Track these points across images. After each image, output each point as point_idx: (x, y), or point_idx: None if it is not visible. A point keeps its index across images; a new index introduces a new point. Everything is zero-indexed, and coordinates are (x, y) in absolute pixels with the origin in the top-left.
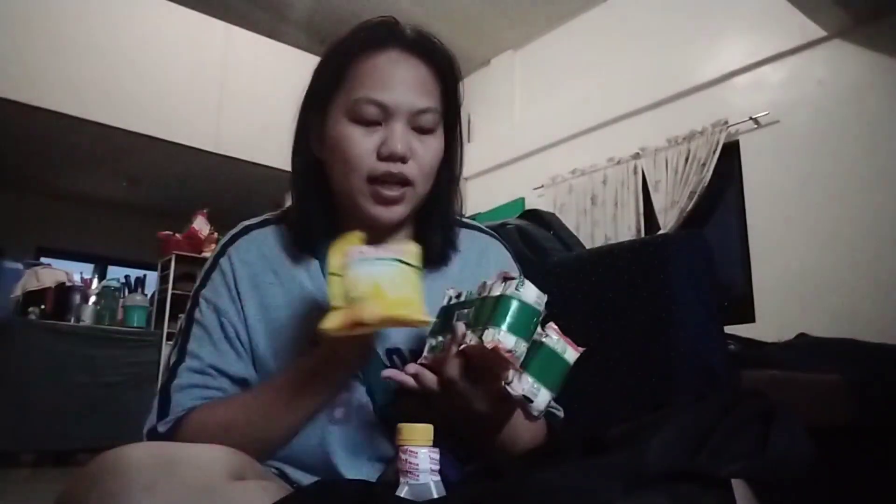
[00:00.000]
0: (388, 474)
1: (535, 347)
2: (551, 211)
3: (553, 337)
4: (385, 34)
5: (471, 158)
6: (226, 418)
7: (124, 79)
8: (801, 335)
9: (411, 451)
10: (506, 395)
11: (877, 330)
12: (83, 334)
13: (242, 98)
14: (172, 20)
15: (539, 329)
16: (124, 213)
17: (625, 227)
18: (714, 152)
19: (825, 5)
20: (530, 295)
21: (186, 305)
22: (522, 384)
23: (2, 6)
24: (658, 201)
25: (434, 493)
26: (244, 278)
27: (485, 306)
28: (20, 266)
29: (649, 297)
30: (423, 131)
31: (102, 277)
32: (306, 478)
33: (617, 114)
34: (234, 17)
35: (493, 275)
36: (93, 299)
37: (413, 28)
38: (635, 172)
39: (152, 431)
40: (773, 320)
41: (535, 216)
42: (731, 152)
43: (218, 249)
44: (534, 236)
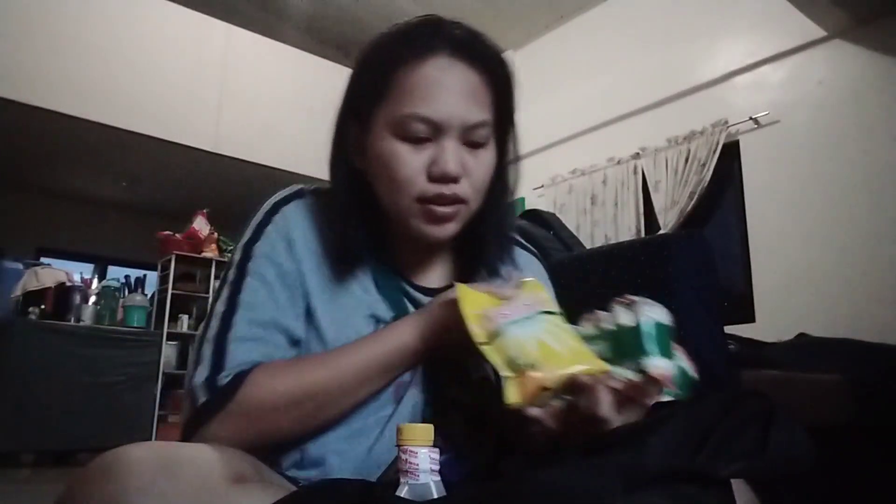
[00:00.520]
0: (388, 475)
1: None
2: (551, 211)
3: (679, 355)
4: (431, 37)
5: None
6: (298, 385)
7: (124, 79)
8: (801, 335)
9: (411, 452)
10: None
11: (877, 330)
12: (83, 334)
13: (242, 98)
14: (172, 20)
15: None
16: (124, 213)
17: (625, 228)
18: (714, 152)
19: (825, 5)
20: (661, 313)
21: (234, 260)
22: None
23: (2, 6)
24: (658, 201)
25: (434, 493)
26: (300, 238)
27: (623, 338)
28: (20, 266)
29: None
30: (476, 145)
31: (102, 277)
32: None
33: (617, 114)
34: (234, 17)
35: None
36: (93, 299)
37: (460, 27)
38: (635, 172)
39: (210, 383)
40: (773, 320)
41: (535, 216)
42: (731, 152)
43: (268, 207)
44: (534, 236)
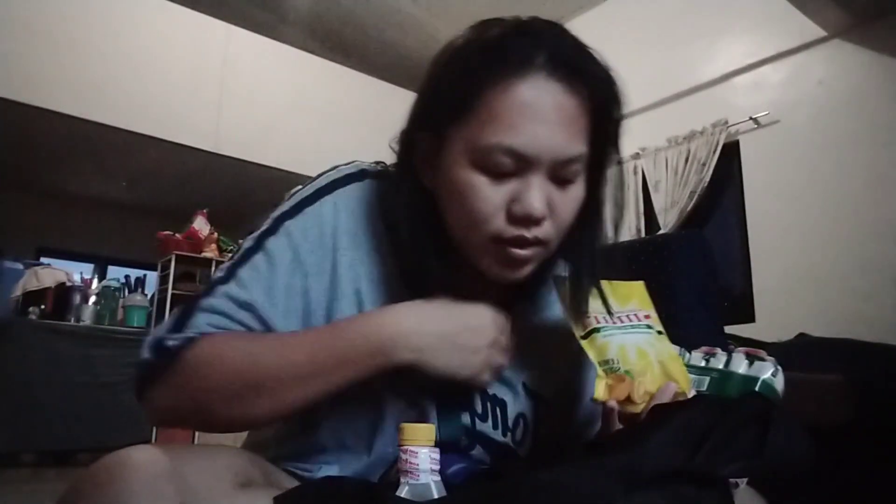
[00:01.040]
0: (390, 475)
1: None
2: None
3: None
4: (528, 51)
5: None
6: (244, 358)
7: (124, 79)
8: (801, 335)
9: (412, 451)
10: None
11: (877, 330)
12: (83, 334)
13: (242, 98)
14: (172, 20)
15: None
16: (124, 213)
17: (625, 227)
18: (714, 152)
19: (825, 5)
20: (781, 384)
21: (261, 226)
22: None
23: (2, 6)
24: (658, 201)
25: (434, 493)
26: (345, 228)
27: (729, 382)
28: (20, 266)
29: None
30: (565, 181)
31: (102, 277)
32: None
33: None
34: (234, 17)
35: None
36: (93, 299)
37: (563, 37)
38: (635, 172)
39: (158, 343)
40: (773, 320)
41: None
42: (731, 152)
43: (323, 183)
44: None
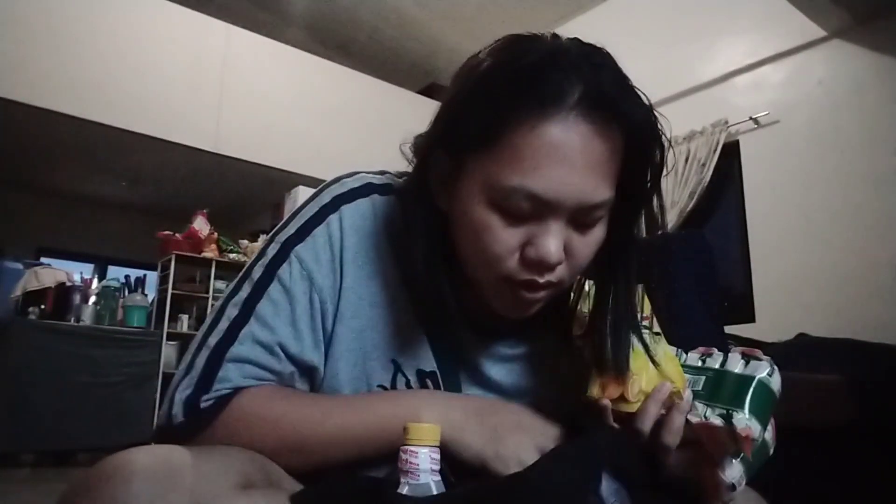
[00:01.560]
0: (395, 475)
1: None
2: None
3: (770, 430)
4: (563, 85)
5: None
6: (283, 419)
7: (124, 79)
8: (801, 335)
9: (412, 451)
10: (712, 477)
11: (877, 330)
12: (83, 334)
13: (242, 98)
14: (172, 20)
15: None
16: (124, 213)
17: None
18: (714, 152)
19: (825, 5)
20: (777, 383)
21: (267, 253)
22: (733, 471)
23: (2, 6)
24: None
25: (434, 492)
26: (351, 248)
27: (724, 381)
28: (20, 266)
29: (649, 297)
30: (586, 226)
31: (102, 277)
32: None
33: None
34: (234, 17)
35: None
36: (93, 299)
37: (604, 70)
38: None
39: (191, 402)
40: (773, 320)
41: None
42: (731, 152)
43: (327, 200)
44: None
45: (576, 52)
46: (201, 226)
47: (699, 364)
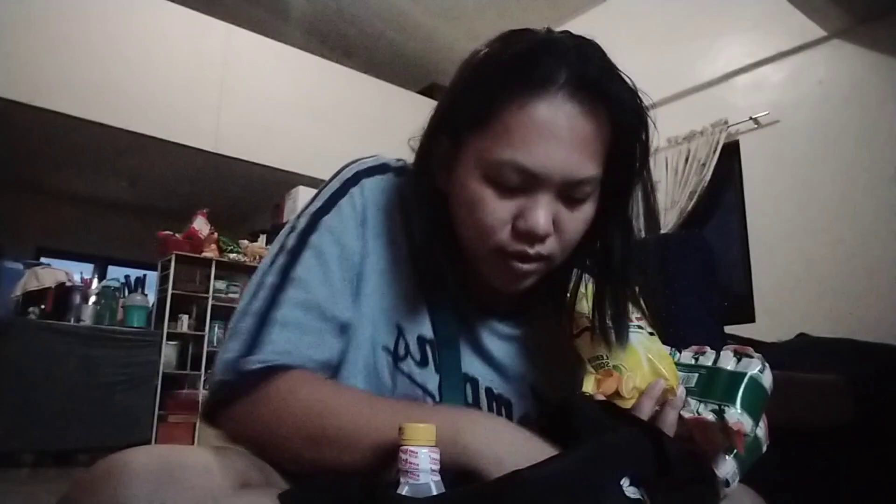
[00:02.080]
0: (390, 475)
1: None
2: None
3: (762, 426)
4: (552, 68)
5: None
6: (326, 408)
7: (124, 79)
8: (801, 335)
9: (411, 451)
10: (705, 472)
11: (877, 330)
12: (83, 334)
13: (242, 98)
14: (172, 20)
15: None
16: (124, 213)
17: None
18: (714, 152)
19: (825, 5)
20: (769, 380)
21: (297, 226)
22: (727, 467)
23: (2, 6)
24: (658, 201)
25: (434, 493)
26: (370, 218)
27: (717, 378)
28: (20, 266)
29: (649, 297)
30: (574, 201)
31: (102, 277)
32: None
33: None
34: (234, 17)
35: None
36: (93, 299)
37: (592, 57)
38: None
39: (237, 364)
40: (773, 320)
41: None
42: (731, 152)
43: (349, 175)
44: None
45: (565, 41)
46: (201, 226)
47: (692, 362)
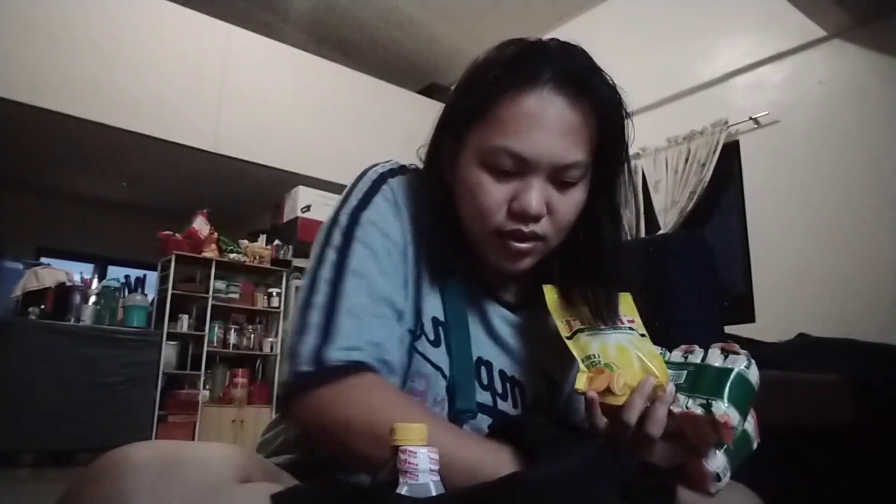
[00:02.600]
0: (383, 475)
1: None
2: None
3: (751, 420)
4: (538, 66)
5: None
6: (393, 412)
7: (124, 79)
8: (801, 335)
9: (410, 452)
10: (697, 468)
11: (877, 330)
12: (83, 334)
13: (242, 98)
14: (172, 20)
15: None
16: (124, 213)
17: (624, 228)
18: (714, 152)
19: (825, 5)
20: (755, 376)
21: (339, 224)
22: (717, 462)
23: (2, 6)
24: (658, 201)
25: (434, 492)
26: (405, 209)
27: (705, 374)
28: (20, 266)
29: (650, 297)
30: (565, 185)
31: (102, 277)
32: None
33: None
34: (234, 17)
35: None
36: (93, 299)
37: (575, 57)
38: (635, 172)
39: (318, 355)
40: (773, 320)
41: None
42: (731, 152)
43: (375, 177)
44: None
45: (551, 45)
46: (201, 226)
47: (682, 360)
